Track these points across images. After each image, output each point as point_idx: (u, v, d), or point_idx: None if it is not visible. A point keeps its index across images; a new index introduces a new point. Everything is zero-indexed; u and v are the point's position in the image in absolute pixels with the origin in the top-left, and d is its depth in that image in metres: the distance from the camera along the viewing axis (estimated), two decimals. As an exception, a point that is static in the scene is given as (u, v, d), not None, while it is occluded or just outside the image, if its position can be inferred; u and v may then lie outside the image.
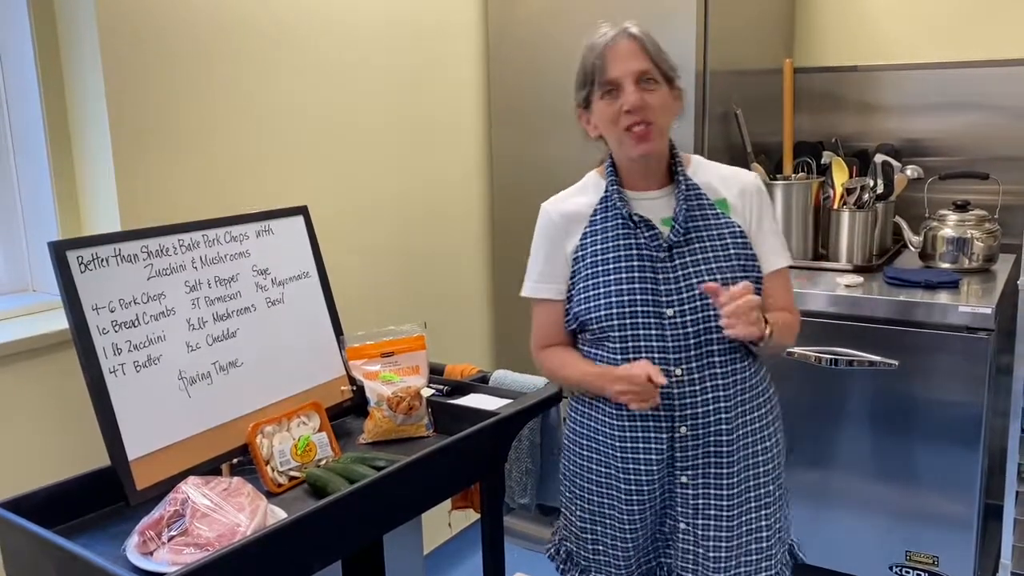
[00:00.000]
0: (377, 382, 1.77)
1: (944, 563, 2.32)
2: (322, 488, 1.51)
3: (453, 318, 2.84)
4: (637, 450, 1.58)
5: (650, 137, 1.50)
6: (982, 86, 2.80)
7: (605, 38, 1.51)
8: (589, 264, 1.58)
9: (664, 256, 1.54)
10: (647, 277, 1.53)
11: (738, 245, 1.56)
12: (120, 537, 1.35)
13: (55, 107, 1.84)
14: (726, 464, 1.57)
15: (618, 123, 1.51)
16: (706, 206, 1.57)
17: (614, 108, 1.50)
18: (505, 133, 2.83)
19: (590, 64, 1.53)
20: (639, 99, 1.48)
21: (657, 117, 1.50)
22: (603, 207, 1.59)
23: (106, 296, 1.48)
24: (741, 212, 1.58)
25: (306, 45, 2.22)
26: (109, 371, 1.45)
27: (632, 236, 1.55)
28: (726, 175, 1.62)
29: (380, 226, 2.52)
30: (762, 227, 1.59)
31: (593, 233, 1.59)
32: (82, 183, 1.89)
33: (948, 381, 2.25)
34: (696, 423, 1.55)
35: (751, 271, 1.56)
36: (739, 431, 1.57)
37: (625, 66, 1.49)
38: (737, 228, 1.57)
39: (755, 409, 1.59)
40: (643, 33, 1.52)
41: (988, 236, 2.52)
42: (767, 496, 1.61)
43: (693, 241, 1.54)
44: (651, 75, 1.50)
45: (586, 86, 1.55)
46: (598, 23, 1.56)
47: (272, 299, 1.76)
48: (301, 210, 1.88)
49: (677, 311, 1.52)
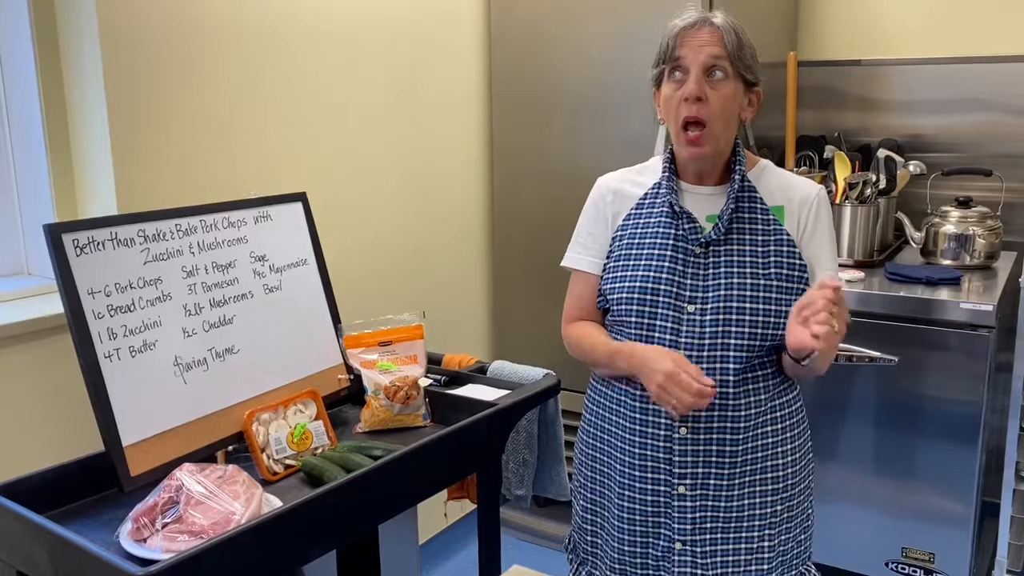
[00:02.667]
0: (374, 371, 1.76)
1: (940, 560, 2.32)
2: (318, 477, 1.50)
3: (452, 308, 2.83)
4: (634, 444, 1.55)
5: (701, 143, 1.46)
6: (987, 82, 2.79)
7: (686, 20, 1.47)
8: (624, 246, 1.56)
9: (699, 252, 1.50)
10: (676, 270, 1.50)
11: (782, 254, 1.50)
12: (114, 523, 1.34)
13: (52, 89, 1.83)
14: (727, 476, 1.51)
15: (677, 113, 1.47)
16: (758, 210, 1.52)
17: (676, 94, 1.46)
18: (506, 122, 2.81)
19: (665, 44, 1.48)
20: (698, 89, 1.43)
21: (713, 117, 1.45)
22: (653, 193, 1.57)
23: (102, 280, 1.47)
24: (795, 220, 1.53)
25: (306, 32, 2.20)
26: (104, 356, 1.44)
27: (672, 227, 1.52)
28: (791, 183, 1.56)
29: (380, 214, 2.51)
30: (814, 240, 1.53)
31: (637, 216, 1.57)
32: (79, 166, 1.87)
33: (948, 378, 2.24)
34: (697, 426, 1.50)
35: (793, 282, 1.50)
36: (747, 443, 1.51)
37: (696, 53, 1.44)
38: (786, 236, 1.51)
39: (771, 423, 1.53)
40: (727, 24, 1.46)
41: (990, 233, 2.52)
42: (773, 516, 1.55)
43: (733, 242, 1.50)
44: (722, 68, 1.45)
45: (659, 65, 1.51)
46: (687, 4, 1.52)
47: (270, 286, 1.75)
48: (300, 197, 1.87)
49: (699, 308, 1.49)
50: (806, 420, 1.63)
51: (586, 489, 1.67)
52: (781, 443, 1.55)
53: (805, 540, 1.63)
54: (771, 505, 1.55)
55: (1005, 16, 2.76)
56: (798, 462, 1.58)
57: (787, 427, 1.56)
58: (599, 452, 1.64)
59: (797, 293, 1.48)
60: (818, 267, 1.53)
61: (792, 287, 1.49)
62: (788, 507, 1.57)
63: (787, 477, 1.56)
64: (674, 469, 1.53)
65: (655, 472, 1.54)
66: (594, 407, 1.66)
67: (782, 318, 1.48)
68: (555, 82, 2.67)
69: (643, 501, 1.56)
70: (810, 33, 3.07)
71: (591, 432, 1.66)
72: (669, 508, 1.54)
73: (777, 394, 1.55)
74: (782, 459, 1.55)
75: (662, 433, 1.52)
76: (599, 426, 1.63)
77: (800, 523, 1.61)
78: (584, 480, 1.68)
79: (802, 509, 1.61)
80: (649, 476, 1.54)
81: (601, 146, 2.61)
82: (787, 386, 1.57)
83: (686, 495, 1.53)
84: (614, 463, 1.60)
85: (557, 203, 2.71)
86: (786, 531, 1.58)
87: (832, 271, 1.54)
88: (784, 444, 1.55)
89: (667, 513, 1.55)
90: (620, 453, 1.58)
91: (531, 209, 2.80)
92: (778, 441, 1.55)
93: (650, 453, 1.54)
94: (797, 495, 1.58)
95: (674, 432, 1.51)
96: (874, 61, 2.96)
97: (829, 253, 1.54)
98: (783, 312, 1.48)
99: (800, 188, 1.55)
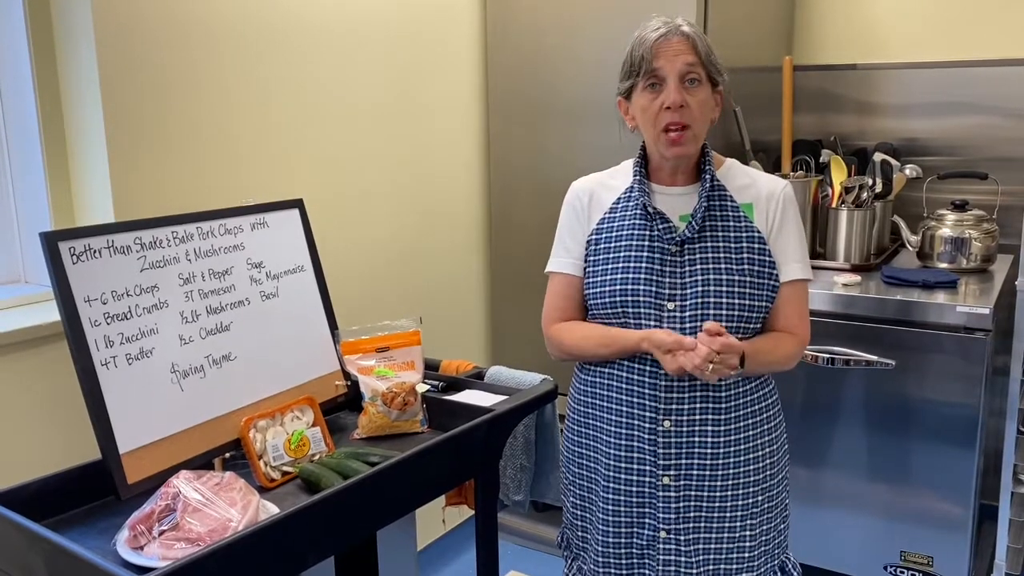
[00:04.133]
0: (372, 377, 1.76)
1: (939, 563, 2.32)
2: (315, 483, 1.50)
3: (449, 313, 2.83)
4: (620, 436, 1.60)
5: (684, 141, 1.52)
6: (982, 86, 2.79)
7: (657, 32, 1.51)
8: (601, 249, 1.61)
9: (675, 251, 1.55)
10: (654, 269, 1.55)
11: (753, 251, 1.55)
12: (110, 531, 1.34)
13: (49, 97, 1.83)
14: (710, 467, 1.56)
15: (656, 120, 1.52)
16: (728, 208, 1.57)
17: (655, 103, 1.51)
18: (504, 128, 2.82)
19: (638, 56, 1.53)
20: (680, 98, 1.49)
21: (695, 120, 1.51)
22: (626, 196, 1.62)
23: (98, 288, 1.47)
24: (764, 217, 1.58)
25: (302, 38, 2.20)
26: (101, 364, 1.44)
27: (646, 228, 1.57)
28: (757, 180, 1.61)
29: (376, 220, 2.51)
30: (781, 235, 1.58)
31: (611, 219, 1.61)
32: (76, 174, 1.87)
33: (945, 381, 2.24)
34: (681, 419, 1.55)
35: (764, 278, 1.55)
36: (729, 436, 1.56)
37: (672, 63, 1.49)
38: (756, 233, 1.56)
39: (748, 416, 1.58)
40: (695, 32, 1.52)
41: (986, 236, 2.52)
42: (755, 506, 1.60)
43: (707, 240, 1.55)
44: (696, 75, 1.50)
45: (631, 77, 1.55)
46: (652, 16, 1.56)
47: (266, 293, 1.75)
48: (297, 203, 1.87)
49: (678, 305, 1.53)
50: (782, 413, 1.68)
51: (575, 485, 1.71)
52: (759, 435, 1.60)
53: (784, 530, 1.69)
54: (752, 496, 1.60)
55: (1000, 20, 2.77)
56: (775, 453, 1.63)
57: (765, 419, 1.61)
58: (585, 448, 1.67)
59: (768, 288, 1.55)
60: (785, 261, 1.58)
61: (764, 282, 1.55)
62: (768, 497, 1.62)
63: (766, 468, 1.61)
64: (659, 461, 1.57)
65: (640, 464, 1.59)
66: (578, 405, 1.69)
67: (755, 312, 1.55)
68: (552, 88, 2.68)
69: (628, 492, 1.60)
70: (806, 37, 3.08)
71: (576, 430, 1.69)
72: (654, 499, 1.59)
73: (755, 387, 1.60)
74: (761, 451, 1.60)
75: (647, 426, 1.57)
76: (584, 423, 1.67)
77: (779, 513, 1.66)
78: (572, 477, 1.72)
79: (780, 500, 1.66)
80: (635, 468, 1.59)
81: (598, 152, 2.61)
82: (763, 379, 1.63)
83: (670, 486, 1.58)
84: (600, 456, 1.64)
85: (554, 208, 2.68)
86: (767, 520, 1.63)
87: (800, 263, 1.59)
88: (762, 436, 1.61)
89: (652, 503, 1.59)
90: (606, 447, 1.62)
91: (528, 214, 2.80)
92: (757, 433, 1.60)
93: (636, 445, 1.58)
94: (775, 485, 1.64)
95: (658, 425, 1.56)
96: (870, 65, 2.97)
97: (796, 247, 1.59)
98: (756, 306, 1.55)
99: (765, 185, 1.61)
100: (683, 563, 1.59)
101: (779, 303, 1.58)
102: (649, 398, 1.56)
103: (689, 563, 1.59)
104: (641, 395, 1.57)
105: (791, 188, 1.62)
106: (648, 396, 1.56)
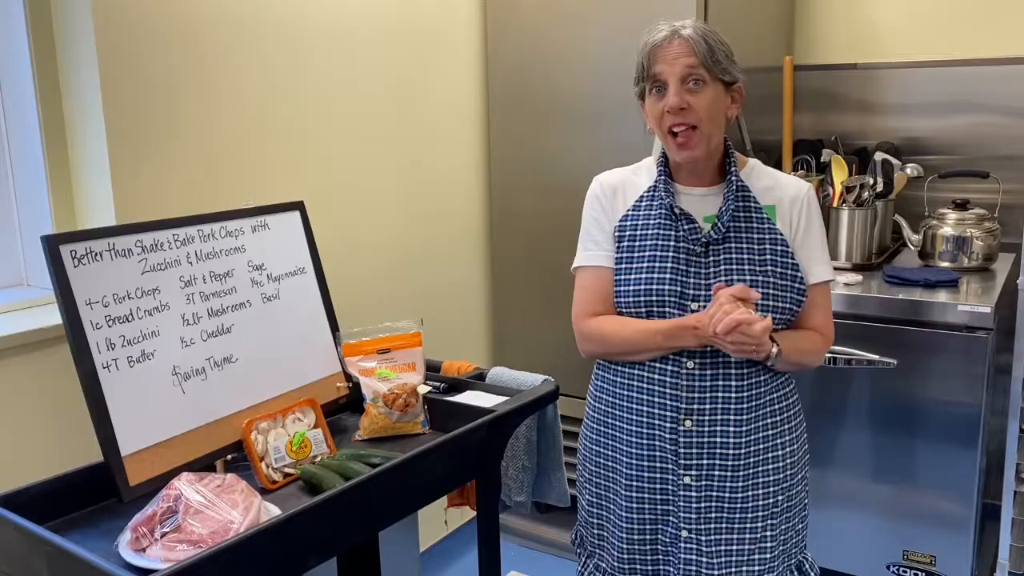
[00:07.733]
0: (373, 379, 1.76)
1: (941, 563, 2.32)
2: (317, 485, 1.50)
3: (450, 315, 2.83)
4: (642, 436, 1.59)
5: (691, 144, 1.52)
6: (983, 84, 2.79)
7: (656, 36, 1.53)
8: (626, 248, 1.60)
9: (700, 251, 1.55)
10: (679, 270, 1.55)
11: (776, 253, 1.55)
12: (113, 533, 1.34)
13: (50, 100, 1.83)
14: (731, 467, 1.56)
15: (662, 123, 1.53)
16: (752, 209, 1.57)
17: (659, 107, 1.53)
18: (504, 128, 2.82)
19: (641, 62, 1.55)
20: (680, 100, 1.49)
21: (701, 121, 1.51)
22: (649, 194, 1.62)
23: (100, 291, 1.47)
24: (787, 220, 1.58)
25: (303, 40, 2.21)
26: (102, 366, 1.44)
27: (672, 228, 1.57)
28: (781, 182, 1.62)
29: (377, 222, 2.51)
30: (808, 238, 1.58)
31: (635, 216, 1.61)
32: (77, 177, 1.88)
33: (947, 380, 2.24)
34: (702, 419, 1.55)
35: (788, 280, 1.55)
36: (750, 436, 1.56)
37: (671, 66, 1.50)
38: (779, 236, 1.56)
39: (769, 416, 1.58)
40: (697, 34, 1.51)
41: (988, 235, 2.52)
42: (775, 506, 1.59)
43: (731, 241, 1.55)
44: (698, 76, 1.50)
45: (640, 82, 1.57)
46: (658, 21, 1.57)
47: (268, 295, 1.75)
48: (297, 205, 1.87)
49: (702, 306, 1.53)
50: (802, 413, 1.68)
51: (591, 483, 1.70)
52: (780, 435, 1.60)
53: (803, 529, 1.69)
54: (772, 496, 1.59)
55: (1000, 18, 2.77)
56: (796, 452, 1.63)
57: (785, 419, 1.61)
58: (604, 447, 1.66)
59: (792, 291, 1.55)
60: (813, 264, 1.59)
61: (787, 284, 1.55)
62: (788, 497, 1.62)
63: (786, 468, 1.61)
64: (680, 460, 1.57)
65: (663, 463, 1.58)
66: (598, 404, 1.68)
67: (778, 313, 1.54)
68: (553, 88, 2.68)
69: (651, 491, 1.60)
70: (806, 37, 3.08)
71: (596, 428, 1.69)
72: (675, 498, 1.59)
73: (775, 387, 1.59)
74: (781, 450, 1.60)
75: (668, 426, 1.57)
76: (605, 421, 1.66)
77: (798, 512, 1.66)
78: (589, 475, 1.71)
79: (800, 499, 1.66)
80: (657, 467, 1.59)
81: (599, 152, 2.61)
82: (784, 379, 1.62)
83: (691, 485, 1.57)
84: (620, 456, 1.63)
85: (555, 208, 2.71)
86: (786, 520, 1.63)
87: (826, 265, 1.60)
88: (783, 436, 1.60)
89: (674, 503, 1.59)
90: (627, 446, 1.61)
91: (529, 215, 2.80)
92: (777, 433, 1.59)
93: (657, 444, 1.58)
94: (795, 485, 1.63)
95: (680, 425, 1.56)
96: (870, 64, 2.97)
97: (821, 249, 1.61)
98: (779, 308, 1.54)
99: (789, 187, 1.61)
100: (704, 563, 1.58)
101: (808, 305, 1.58)
102: (671, 398, 1.55)
103: (711, 564, 1.58)
104: (663, 395, 1.56)
105: (813, 190, 1.62)
106: (669, 396, 1.55)
